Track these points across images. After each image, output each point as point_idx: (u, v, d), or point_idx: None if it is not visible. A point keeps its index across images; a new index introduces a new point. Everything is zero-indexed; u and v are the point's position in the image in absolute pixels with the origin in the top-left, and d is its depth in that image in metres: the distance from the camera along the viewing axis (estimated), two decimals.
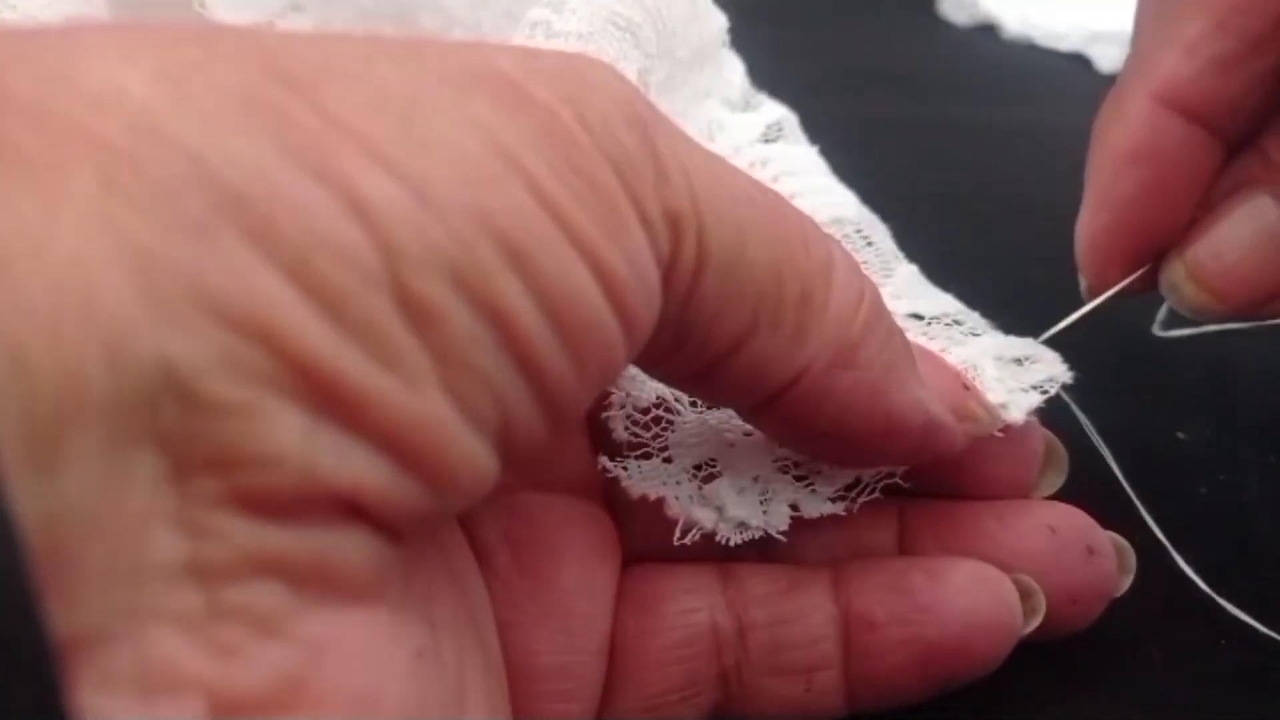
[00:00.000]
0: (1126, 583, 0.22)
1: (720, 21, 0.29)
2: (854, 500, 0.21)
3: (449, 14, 0.27)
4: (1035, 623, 0.21)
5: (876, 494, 0.21)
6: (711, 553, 0.21)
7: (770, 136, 0.29)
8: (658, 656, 0.21)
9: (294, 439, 0.12)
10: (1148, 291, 0.25)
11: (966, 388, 0.21)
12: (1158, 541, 0.24)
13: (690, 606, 0.21)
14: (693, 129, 0.28)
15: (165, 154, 0.12)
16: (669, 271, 0.16)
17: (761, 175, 0.27)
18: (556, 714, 0.20)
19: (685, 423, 0.21)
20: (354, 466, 0.13)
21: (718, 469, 0.21)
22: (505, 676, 0.19)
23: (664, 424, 0.21)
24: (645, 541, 0.22)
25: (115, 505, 0.11)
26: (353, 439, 0.13)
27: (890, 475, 0.21)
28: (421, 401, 0.13)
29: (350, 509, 0.13)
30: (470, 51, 0.15)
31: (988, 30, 0.56)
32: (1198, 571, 0.23)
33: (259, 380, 0.12)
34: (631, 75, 0.22)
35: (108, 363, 0.11)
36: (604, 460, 0.21)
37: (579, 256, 0.14)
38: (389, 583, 0.14)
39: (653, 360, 0.18)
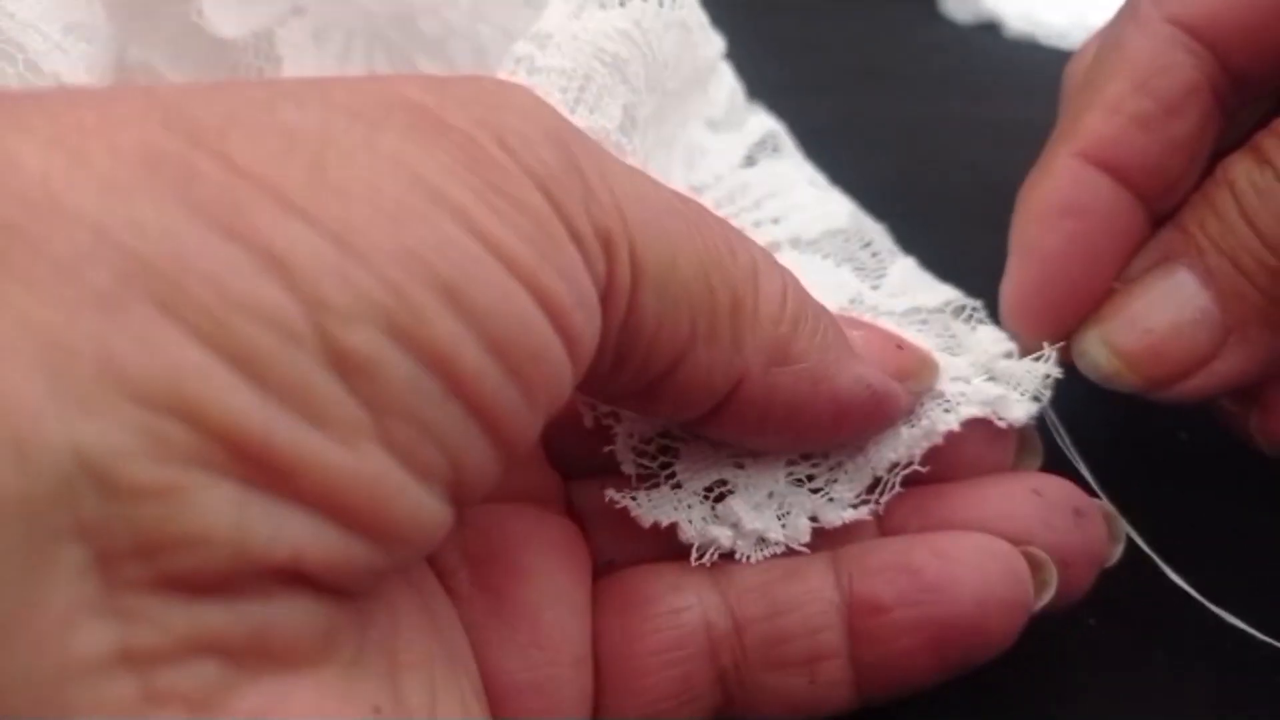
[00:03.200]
0: (1117, 551, 0.22)
1: (716, 45, 0.29)
2: (878, 502, 0.21)
3: (448, 24, 0.27)
4: (1047, 596, 0.20)
5: (898, 489, 0.21)
6: (688, 557, 0.20)
7: (754, 157, 0.29)
8: (647, 662, 0.19)
9: (224, 515, 0.12)
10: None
11: (900, 347, 0.21)
12: (1151, 539, 0.23)
13: (678, 605, 0.20)
14: (677, 155, 0.28)
15: (64, 227, 0.11)
16: (606, 291, 0.16)
17: (742, 203, 0.27)
18: None
19: (692, 449, 0.21)
20: (291, 535, 0.12)
21: (729, 489, 0.21)
22: (487, 706, 0.18)
23: (671, 452, 0.21)
24: (616, 547, 0.21)
25: (36, 605, 0.11)
26: (288, 506, 0.12)
27: (909, 465, 0.21)
28: (359, 460, 0.12)
29: (290, 577, 0.12)
30: (376, 84, 0.15)
31: (990, 28, 0.56)
32: (1199, 573, 0.23)
33: (182, 458, 0.11)
34: (617, 111, 0.22)
35: (15, 459, 0.10)
36: (610, 493, 0.20)
37: (517, 284, 0.14)
38: (339, 642, 0.14)
39: (595, 383, 0.17)
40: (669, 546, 0.20)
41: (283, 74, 0.26)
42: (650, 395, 0.18)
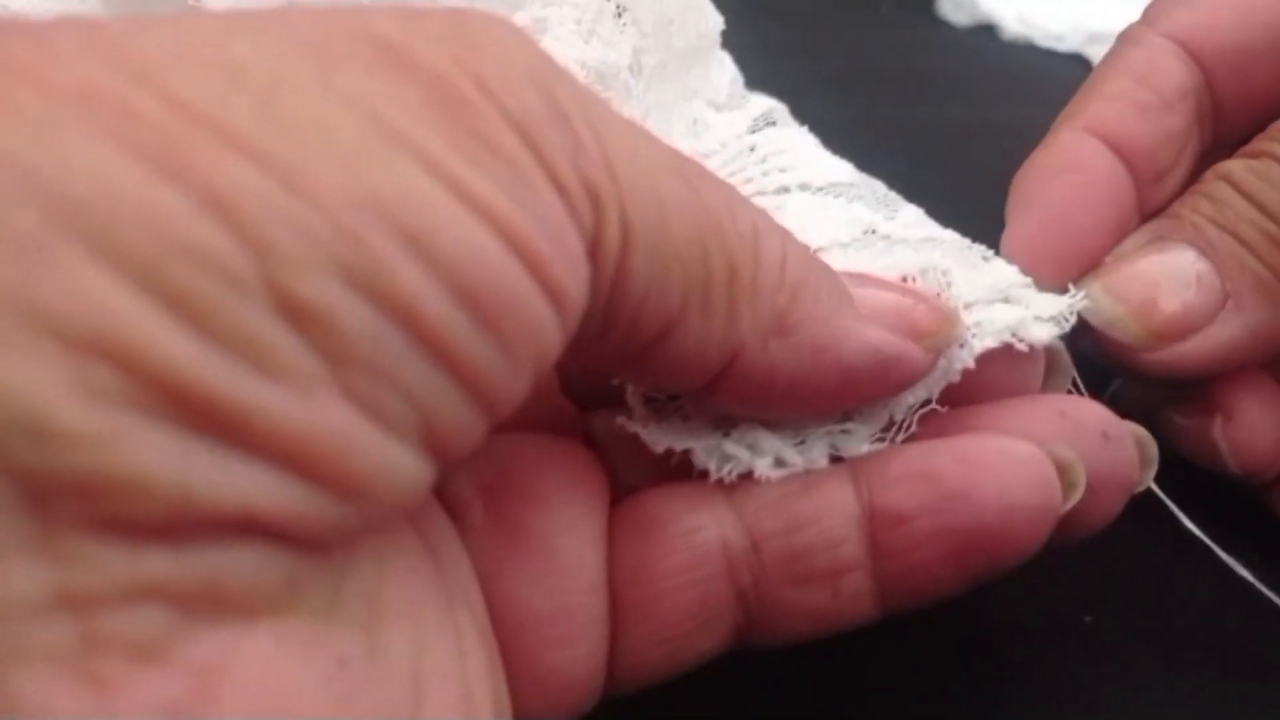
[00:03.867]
0: (1149, 476, 0.21)
1: (716, 20, 0.29)
2: (894, 440, 0.20)
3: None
4: (1075, 498, 0.19)
5: (914, 428, 0.20)
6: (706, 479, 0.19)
7: (757, 128, 0.28)
8: (663, 585, 0.19)
9: (164, 462, 0.11)
10: None
11: (917, 302, 0.20)
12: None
13: (693, 525, 0.19)
14: (677, 123, 0.27)
15: None
16: (594, 249, 0.15)
17: (748, 160, 0.27)
18: (557, 662, 0.18)
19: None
20: (241, 485, 0.12)
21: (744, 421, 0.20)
22: (495, 643, 0.18)
23: (680, 398, 0.20)
24: (636, 472, 0.20)
25: None
26: (238, 456, 0.12)
27: (927, 403, 0.20)
28: (316, 411, 0.12)
29: (245, 526, 0.12)
30: (344, 17, 0.13)
31: (987, 31, 0.56)
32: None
33: (116, 404, 0.11)
34: (627, 51, 0.21)
35: None
36: (622, 419, 0.20)
37: (488, 231, 0.13)
38: (305, 591, 0.13)
39: (579, 347, 0.16)
40: (689, 471, 0.20)
41: None
42: (638, 364, 0.17)
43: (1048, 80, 0.52)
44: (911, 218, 0.24)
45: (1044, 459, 0.19)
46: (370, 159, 0.12)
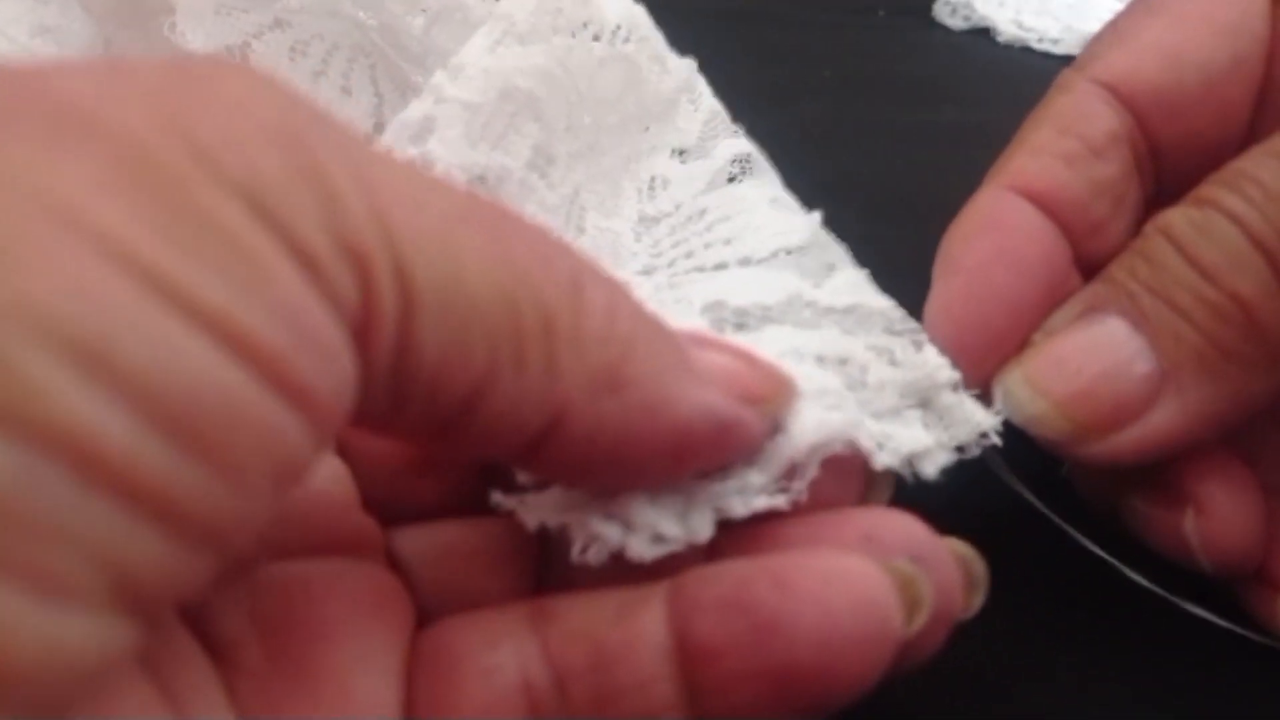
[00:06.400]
0: (977, 601, 0.18)
1: (680, 76, 0.28)
2: (799, 491, 0.18)
3: (432, 38, 0.27)
4: (921, 619, 0.17)
5: (816, 471, 0.18)
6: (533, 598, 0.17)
7: (715, 184, 0.27)
8: None
9: None
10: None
11: (752, 366, 0.18)
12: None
13: (491, 664, 0.17)
14: (629, 186, 0.27)
15: None
16: (364, 323, 0.13)
17: (696, 227, 0.26)
18: None
19: None
20: None
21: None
22: None
23: None
24: (445, 597, 0.19)
25: None
26: None
27: (828, 447, 0.18)
28: None
29: None
30: (23, 79, 0.11)
31: (982, 34, 0.56)
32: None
33: None
34: (525, 150, 0.21)
35: None
36: (496, 496, 0.18)
37: (192, 331, 0.11)
38: None
39: (373, 426, 0.15)
40: (513, 586, 0.18)
41: None
42: (447, 435, 0.15)
43: (1043, 84, 0.52)
44: (844, 283, 0.23)
45: (878, 579, 0.16)
46: (30, 249, 0.10)
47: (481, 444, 0.16)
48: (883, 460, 0.19)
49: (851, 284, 0.23)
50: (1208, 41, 0.23)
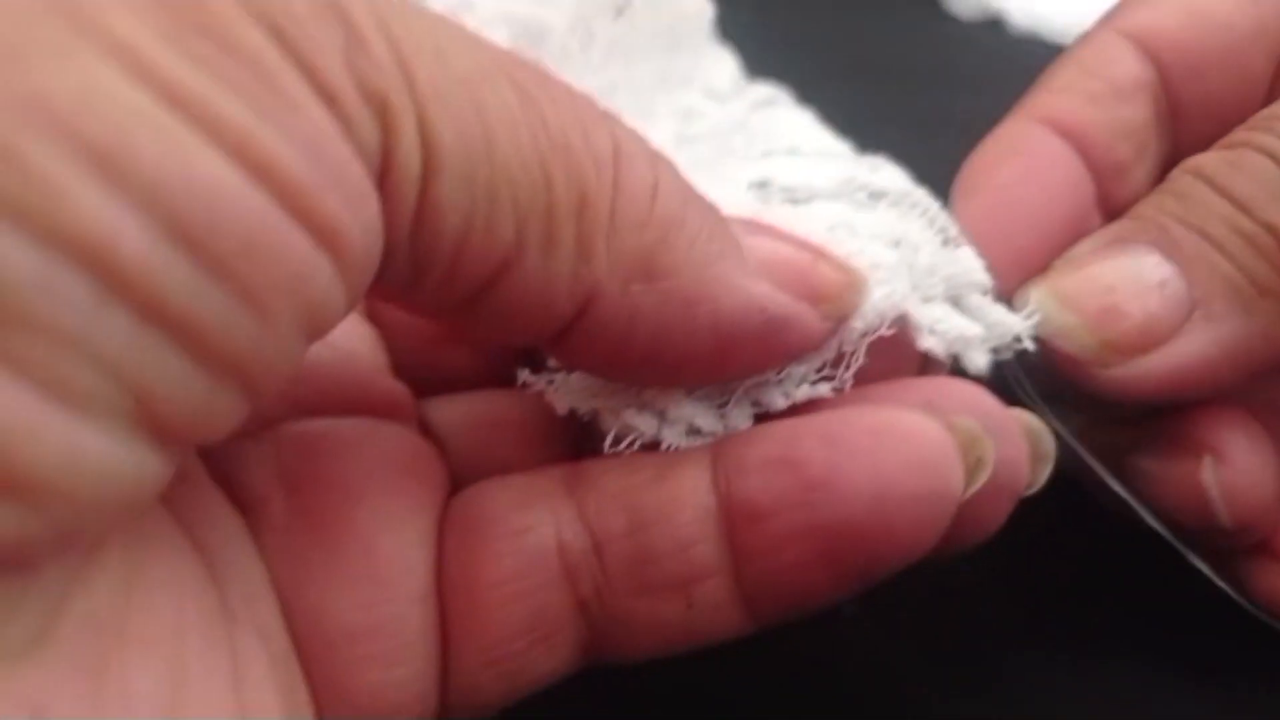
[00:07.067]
0: (1043, 475, 0.18)
1: (701, 4, 0.28)
2: (845, 380, 0.17)
3: None
4: (981, 479, 0.16)
5: (862, 359, 0.17)
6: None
7: (754, 110, 0.27)
8: (489, 595, 0.16)
9: None
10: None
11: (818, 259, 0.16)
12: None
13: (523, 525, 0.16)
14: (664, 107, 0.26)
15: None
16: (383, 173, 0.12)
17: (738, 138, 0.25)
18: (377, 685, 0.15)
19: None
20: None
21: None
22: (294, 664, 0.15)
23: None
24: (479, 467, 0.18)
25: None
26: None
27: (876, 332, 0.17)
28: None
29: None
30: None
31: (994, 24, 0.56)
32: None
33: None
34: (568, 9, 0.20)
35: None
36: (524, 374, 0.17)
37: (211, 147, 0.10)
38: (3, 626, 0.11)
39: (391, 293, 0.14)
40: (551, 456, 0.17)
41: None
42: (470, 312, 0.14)
43: None
44: (895, 174, 0.23)
45: (937, 434, 0.16)
46: (42, 51, 0.10)
47: (503, 326, 0.15)
48: (931, 344, 0.18)
49: (903, 177, 0.23)
50: (1234, 6, 0.23)
